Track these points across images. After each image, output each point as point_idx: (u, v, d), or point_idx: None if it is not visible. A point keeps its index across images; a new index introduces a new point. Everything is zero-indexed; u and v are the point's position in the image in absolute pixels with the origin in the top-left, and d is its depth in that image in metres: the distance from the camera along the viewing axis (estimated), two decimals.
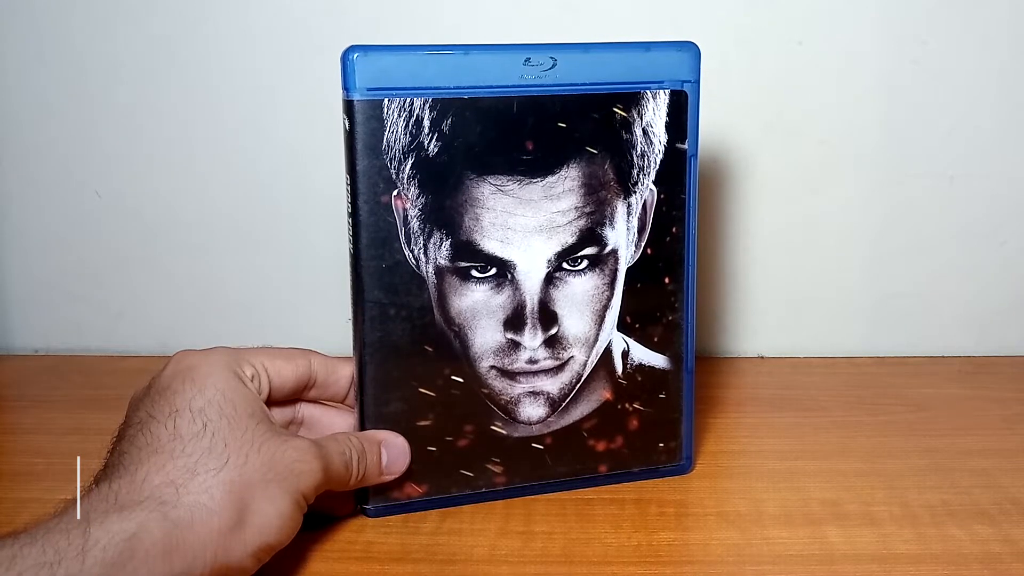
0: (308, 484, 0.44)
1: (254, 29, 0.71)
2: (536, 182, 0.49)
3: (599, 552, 0.47)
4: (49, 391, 0.69)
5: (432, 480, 0.51)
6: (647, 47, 0.50)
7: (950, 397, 0.67)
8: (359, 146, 0.46)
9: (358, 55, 0.45)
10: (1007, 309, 0.74)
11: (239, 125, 0.72)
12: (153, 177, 0.73)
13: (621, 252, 0.51)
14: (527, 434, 0.52)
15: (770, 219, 0.73)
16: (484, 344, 0.50)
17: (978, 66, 0.70)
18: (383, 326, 0.49)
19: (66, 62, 0.72)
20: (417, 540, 0.49)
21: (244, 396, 0.44)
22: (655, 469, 0.54)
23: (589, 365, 0.52)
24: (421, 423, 0.50)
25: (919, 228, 0.73)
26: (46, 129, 0.73)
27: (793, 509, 0.51)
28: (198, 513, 0.40)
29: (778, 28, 0.70)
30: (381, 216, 0.47)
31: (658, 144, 0.50)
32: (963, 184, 0.72)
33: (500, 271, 0.49)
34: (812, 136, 0.72)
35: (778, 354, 0.75)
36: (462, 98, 0.47)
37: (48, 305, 0.76)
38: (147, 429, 0.42)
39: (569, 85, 0.48)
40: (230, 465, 0.41)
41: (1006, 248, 0.73)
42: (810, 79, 0.70)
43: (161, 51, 0.71)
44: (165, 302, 0.76)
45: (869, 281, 0.74)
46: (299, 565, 0.46)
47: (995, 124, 0.71)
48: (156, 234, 0.74)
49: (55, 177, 0.74)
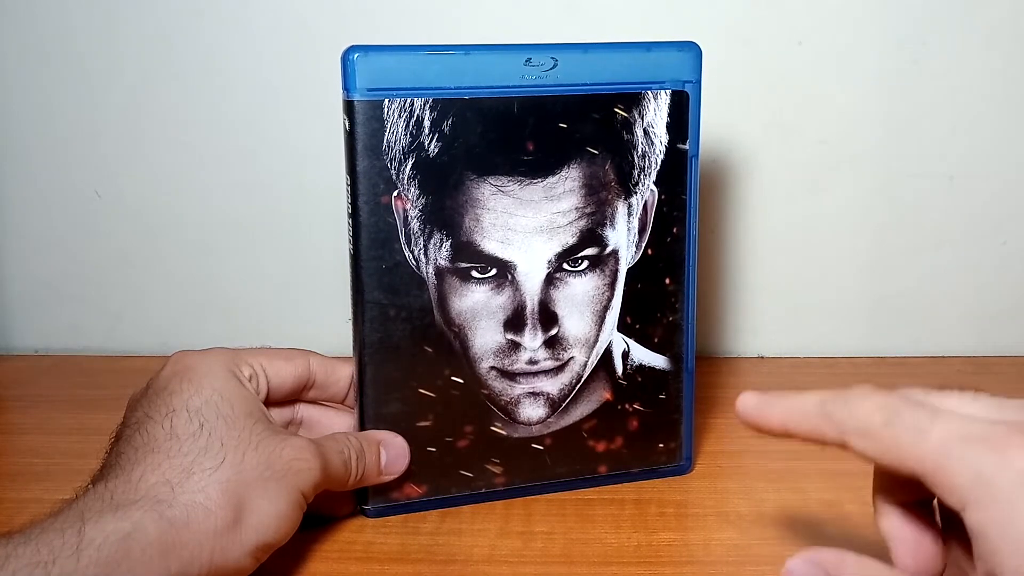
0: (306, 483, 0.44)
1: (254, 29, 0.71)
2: (537, 183, 0.49)
3: (599, 552, 0.47)
4: (49, 391, 0.69)
5: (432, 480, 0.51)
6: (648, 47, 0.50)
7: None
8: (359, 146, 0.46)
9: (358, 55, 0.45)
10: (1007, 309, 0.74)
11: (239, 125, 0.72)
12: (153, 177, 0.73)
13: (621, 253, 0.51)
14: (527, 435, 0.52)
15: (770, 219, 0.73)
16: (484, 345, 0.50)
17: (978, 66, 0.70)
18: (383, 327, 0.49)
19: (66, 62, 0.72)
20: (417, 540, 0.49)
21: (242, 396, 0.44)
22: (655, 469, 0.54)
23: (589, 366, 0.52)
24: (421, 424, 0.50)
25: (919, 228, 0.73)
26: (46, 129, 0.73)
27: (793, 509, 0.51)
28: (194, 512, 0.39)
29: (778, 28, 0.70)
30: (381, 217, 0.47)
31: (659, 144, 0.50)
32: (963, 184, 0.72)
33: (500, 272, 0.49)
34: (812, 136, 0.72)
35: (778, 354, 0.75)
36: (463, 98, 0.47)
37: (48, 305, 0.76)
38: (144, 429, 0.42)
39: (570, 85, 0.48)
40: (226, 464, 0.41)
41: (1006, 248, 0.73)
42: (810, 79, 0.70)
43: (161, 51, 0.71)
44: (165, 302, 0.76)
45: (869, 281, 0.74)
46: (299, 565, 0.46)
47: (995, 124, 0.71)
48: (156, 234, 0.74)
49: (55, 177, 0.74)
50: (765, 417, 0.35)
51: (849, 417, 0.33)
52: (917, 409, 0.32)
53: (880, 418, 0.32)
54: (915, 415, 0.31)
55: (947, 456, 0.30)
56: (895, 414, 0.32)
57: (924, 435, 0.31)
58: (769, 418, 0.35)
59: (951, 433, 0.30)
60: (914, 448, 0.31)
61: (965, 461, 0.30)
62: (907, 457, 0.31)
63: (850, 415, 0.33)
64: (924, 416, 0.31)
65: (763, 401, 0.35)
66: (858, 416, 0.32)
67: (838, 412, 0.33)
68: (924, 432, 0.31)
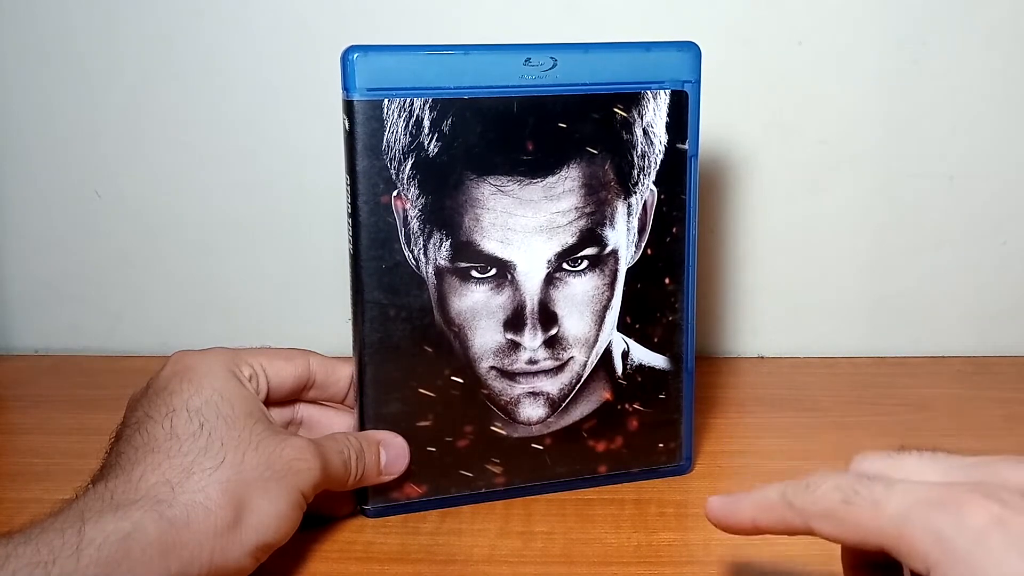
0: (306, 482, 0.44)
1: (254, 29, 0.71)
2: (536, 182, 0.49)
3: (599, 552, 0.47)
4: (49, 391, 0.69)
5: (432, 480, 0.51)
6: (647, 47, 0.50)
7: (950, 397, 0.67)
8: (359, 146, 0.46)
9: (358, 55, 0.45)
10: (1007, 309, 0.74)
11: (239, 125, 0.72)
12: (153, 177, 0.73)
13: (621, 252, 0.51)
14: (527, 434, 0.52)
15: (770, 219, 0.73)
16: (484, 345, 0.50)
17: (978, 66, 0.70)
18: (383, 327, 0.49)
19: (66, 62, 0.72)
20: (417, 540, 0.49)
21: (242, 396, 0.44)
22: (655, 469, 0.54)
23: (589, 366, 0.52)
24: (421, 424, 0.50)
25: (919, 228, 0.73)
26: (46, 129, 0.73)
27: None
28: (194, 512, 0.40)
29: (778, 28, 0.70)
30: (381, 216, 0.47)
31: (658, 144, 0.50)
32: (963, 184, 0.72)
33: (500, 272, 0.49)
34: (812, 136, 0.71)
35: (778, 354, 0.75)
36: (462, 98, 0.47)
37: (48, 305, 0.76)
38: (144, 429, 0.42)
39: (569, 85, 0.48)
40: (227, 464, 0.41)
41: (1006, 248, 0.73)
42: (810, 79, 0.70)
43: (161, 51, 0.71)
44: (165, 302, 0.76)
45: (869, 281, 0.74)
46: (299, 565, 0.46)
47: (995, 124, 0.71)
48: (156, 234, 0.74)
49: (55, 177, 0.74)
50: (735, 517, 0.36)
51: (810, 503, 0.33)
52: (872, 483, 0.32)
53: (839, 497, 0.32)
54: (871, 489, 0.32)
55: (906, 523, 0.30)
56: (852, 492, 0.32)
57: (882, 507, 0.31)
58: (739, 517, 0.35)
59: (908, 500, 0.31)
60: (874, 521, 0.31)
61: (924, 525, 0.30)
62: (869, 531, 0.31)
63: (811, 500, 0.33)
64: (880, 489, 0.32)
65: (730, 501, 0.36)
66: (817, 499, 0.33)
67: (799, 499, 0.33)
68: (881, 504, 0.31)
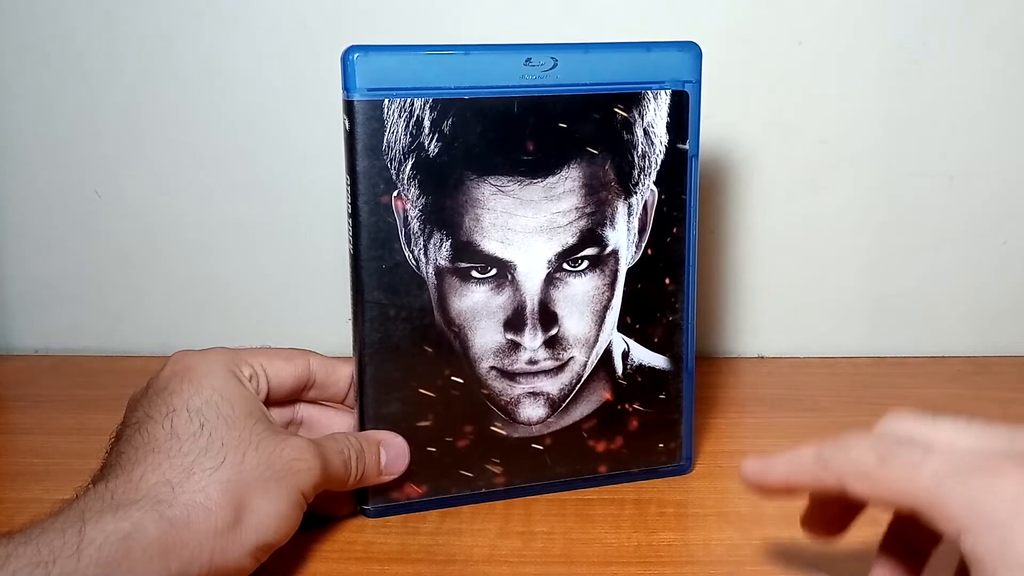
0: (306, 482, 0.44)
1: (254, 29, 0.71)
2: (537, 183, 0.49)
3: (599, 552, 0.47)
4: (49, 391, 0.69)
5: (432, 480, 0.51)
6: (648, 47, 0.50)
7: (950, 397, 0.67)
8: (359, 147, 0.46)
9: (358, 55, 0.45)
10: (1007, 309, 0.74)
11: (239, 125, 0.72)
12: (153, 177, 0.73)
13: (621, 253, 0.51)
14: (527, 435, 0.52)
15: (770, 219, 0.73)
16: (484, 345, 0.50)
17: (978, 66, 0.70)
18: (383, 327, 0.49)
19: (66, 62, 0.72)
20: (417, 540, 0.49)
21: (242, 396, 0.44)
22: (655, 469, 0.54)
23: (589, 366, 0.52)
24: (421, 424, 0.50)
25: (919, 228, 0.73)
26: (46, 129, 0.73)
27: (793, 509, 0.51)
28: (194, 512, 0.40)
29: (778, 28, 0.70)
30: (381, 217, 0.47)
31: (659, 144, 0.50)
32: (963, 184, 0.72)
33: (500, 272, 0.49)
34: (812, 136, 0.72)
35: (778, 354, 0.75)
36: (463, 98, 0.47)
37: (48, 305, 0.76)
38: (144, 429, 0.42)
39: (570, 85, 0.48)
40: (227, 464, 0.41)
41: (1006, 248, 0.73)
42: (810, 79, 0.70)
43: (161, 51, 0.71)
44: (165, 302, 0.76)
45: (869, 281, 0.74)
46: (299, 565, 0.46)
47: (995, 124, 0.71)
48: (156, 234, 0.74)
49: (55, 177, 0.74)
50: (770, 475, 0.37)
51: (845, 461, 0.34)
52: (909, 447, 0.33)
53: (874, 458, 0.33)
54: (908, 453, 0.33)
55: (941, 488, 0.31)
56: (889, 453, 0.33)
57: (918, 470, 0.32)
58: (773, 476, 0.37)
59: (944, 466, 0.31)
60: (909, 484, 0.32)
61: (959, 491, 0.31)
62: (903, 493, 0.32)
63: (846, 459, 0.34)
64: (916, 453, 0.32)
65: (764, 462, 0.37)
66: (853, 459, 0.34)
67: (834, 459, 0.34)
68: (917, 467, 0.32)
